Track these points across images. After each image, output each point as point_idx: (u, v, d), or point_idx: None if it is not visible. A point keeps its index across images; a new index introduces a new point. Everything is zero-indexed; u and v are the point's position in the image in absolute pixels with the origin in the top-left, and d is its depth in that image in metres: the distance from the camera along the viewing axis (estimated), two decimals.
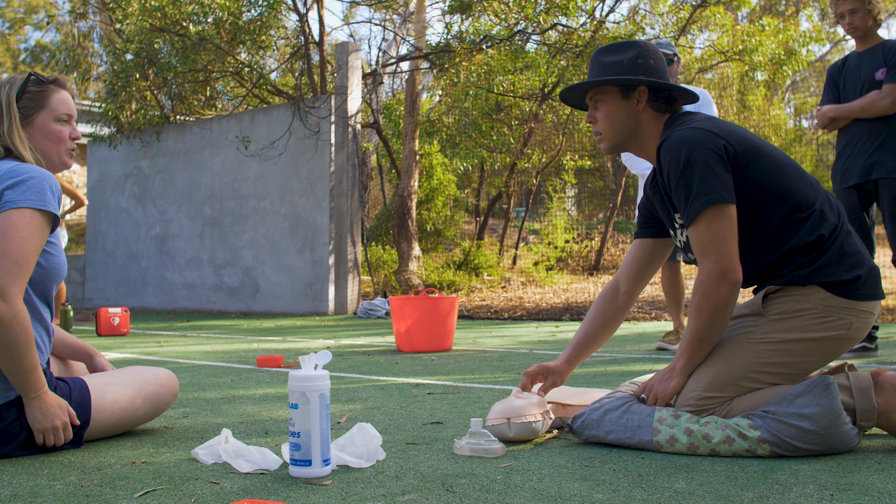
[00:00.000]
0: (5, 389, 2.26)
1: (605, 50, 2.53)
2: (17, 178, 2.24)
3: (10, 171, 2.27)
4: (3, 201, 2.22)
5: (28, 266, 2.20)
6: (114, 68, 11.92)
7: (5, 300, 2.13)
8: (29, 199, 2.22)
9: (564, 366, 2.61)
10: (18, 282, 2.17)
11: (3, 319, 2.13)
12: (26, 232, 2.20)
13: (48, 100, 2.43)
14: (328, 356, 2.06)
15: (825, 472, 1.95)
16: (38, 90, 2.43)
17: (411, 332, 5.47)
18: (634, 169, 5.21)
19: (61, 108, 2.45)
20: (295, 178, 10.86)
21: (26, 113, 2.40)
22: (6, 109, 2.36)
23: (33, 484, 1.98)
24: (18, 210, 2.20)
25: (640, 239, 2.67)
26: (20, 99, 2.40)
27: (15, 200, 2.21)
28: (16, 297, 2.16)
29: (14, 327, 2.15)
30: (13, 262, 2.16)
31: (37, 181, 2.25)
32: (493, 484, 1.91)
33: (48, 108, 2.43)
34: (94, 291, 13.21)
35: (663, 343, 5.26)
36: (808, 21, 18.19)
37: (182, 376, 4.24)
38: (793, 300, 2.27)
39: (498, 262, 14.03)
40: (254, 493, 1.87)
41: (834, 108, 4.30)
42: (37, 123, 2.42)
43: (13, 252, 2.17)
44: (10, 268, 2.15)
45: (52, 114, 2.43)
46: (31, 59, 35.56)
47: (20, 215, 2.20)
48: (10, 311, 2.14)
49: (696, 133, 2.29)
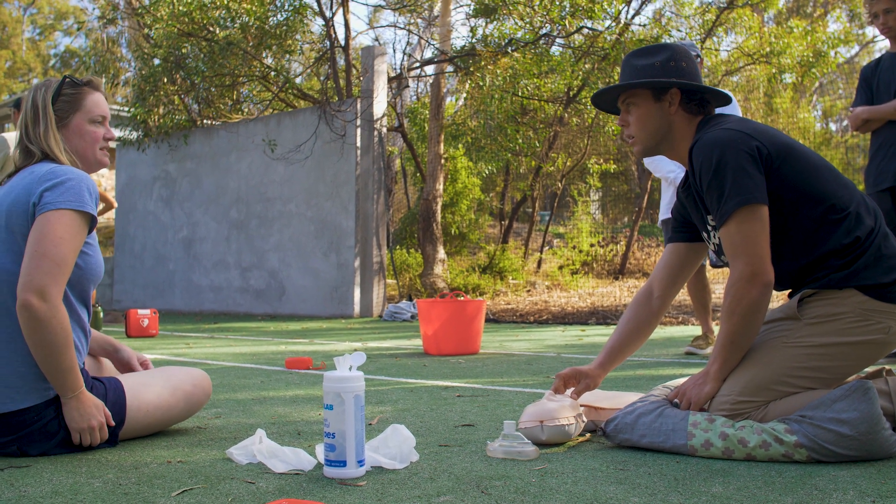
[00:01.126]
0: (44, 389, 2.28)
1: (636, 53, 2.53)
2: (56, 179, 2.28)
3: (48, 172, 2.30)
4: (42, 203, 2.25)
5: (67, 267, 2.23)
6: (142, 73, 12.03)
7: (45, 300, 2.16)
8: (67, 200, 2.25)
9: (598, 370, 2.60)
10: (58, 282, 2.20)
11: (44, 319, 2.16)
12: (65, 233, 2.23)
13: (83, 102, 2.47)
14: (363, 357, 2.06)
15: (865, 479, 1.93)
16: (74, 92, 2.47)
17: (438, 335, 5.47)
18: (658, 172, 5.19)
19: (96, 109, 2.49)
20: (321, 182, 10.91)
21: (62, 115, 2.44)
22: (42, 112, 2.41)
23: (73, 482, 2.00)
24: (58, 211, 2.24)
25: (673, 243, 2.65)
26: (55, 101, 2.44)
27: (54, 202, 2.24)
28: (55, 297, 2.19)
29: (54, 327, 2.18)
30: (53, 263, 2.19)
31: (75, 183, 2.29)
32: (528, 486, 1.90)
33: (83, 110, 2.47)
34: (122, 293, 13.33)
35: (692, 347, 5.22)
36: (837, 22, 18.02)
37: (212, 377, 4.25)
38: (829, 304, 2.24)
39: (523, 266, 14.02)
40: (289, 493, 1.88)
41: (867, 109, 4.25)
42: (72, 125, 2.46)
43: (53, 253, 2.20)
44: (51, 268, 2.19)
45: (87, 115, 2.48)
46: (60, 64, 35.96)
47: (59, 216, 2.23)
48: (50, 311, 2.17)
49: (728, 134, 2.28)
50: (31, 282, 2.17)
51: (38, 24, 40.27)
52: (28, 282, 2.17)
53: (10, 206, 2.30)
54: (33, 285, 2.16)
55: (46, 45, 40.38)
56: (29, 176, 2.33)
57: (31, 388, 2.26)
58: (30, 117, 2.42)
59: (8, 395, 2.24)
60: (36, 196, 2.27)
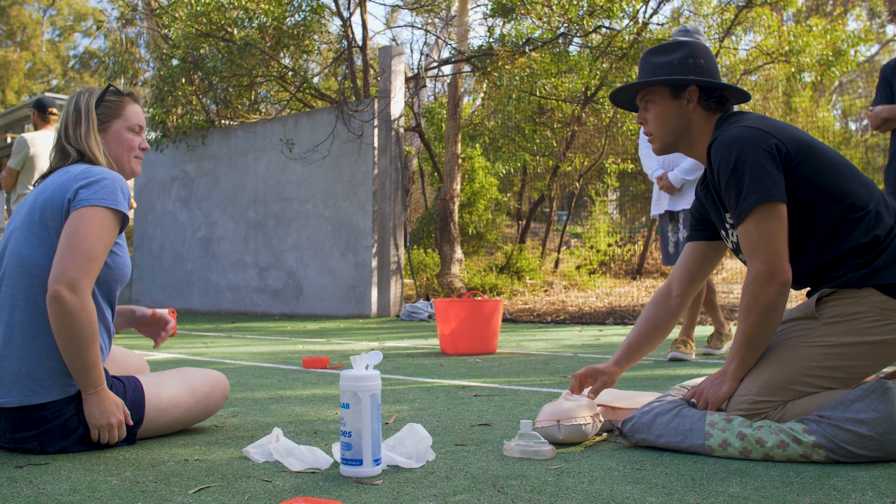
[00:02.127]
0: (67, 384, 2.31)
1: (654, 50, 2.52)
2: (91, 178, 2.35)
3: (84, 171, 2.38)
4: (77, 199, 2.32)
5: (98, 262, 2.29)
6: (160, 73, 12.09)
7: (76, 293, 2.22)
8: (102, 198, 2.32)
9: (614, 367, 2.59)
10: (89, 276, 2.26)
11: (73, 311, 2.21)
12: (99, 229, 2.30)
13: (123, 110, 2.57)
14: (379, 356, 2.06)
15: (884, 479, 1.91)
16: (116, 100, 2.57)
17: (456, 335, 5.47)
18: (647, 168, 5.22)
19: (134, 118, 2.59)
20: (338, 182, 10.93)
21: (103, 119, 2.53)
22: (84, 115, 2.50)
23: (90, 479, 2.01)
24: (92, 208, 2.30)
25: (692, 242, 2.64)
26: (98, 106, 2.53)
27: (89, 199, 2.31)
28: (85, 291, 2.24)
29: (82, 320, 2.22)
30: (85, 257, 2.25)
31: (109, 182, 2.36)
32: (544, 486, 1.90)
33: (123, 118, 2.57)
34: (140, 293, 13.40)
35: (709, 348, 5.19)
36: (857, 21, 17.89)
37: (230, 376, 4.28)
38: (848, 303, 2.23)
39: (540, 266, 13.99)
40: (306, 492, 1.88)
41: (887, 108, 4.22)
42: (112, 130, 2.55)
43: (86, 247, 2.26)
44: (83, 262, 2.25)
45: (126, 123, 2.57)
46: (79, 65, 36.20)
47: (93, 213, 2.30)
48: (80, 304, 2.22)
49: (747, 132, 2.27)
50: (62, 274, 2.22)
51: (57, 25, 40.56)
52: (60, 274, 2.22)
53: (45, 201, 2.36)
54: (65, 277, 2.21)
55: (66, 46, 40.68)
56: (64, 175, 2.40)
57: (55, 383, 2.29)
58: (71, 119, 2.50)
59: (31, 388, 2.27)
60: (71, 192, 2.33)
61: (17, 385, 2.27)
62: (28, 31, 38.89)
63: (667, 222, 5.23)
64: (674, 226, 5.20)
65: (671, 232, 5.21)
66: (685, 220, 5.06)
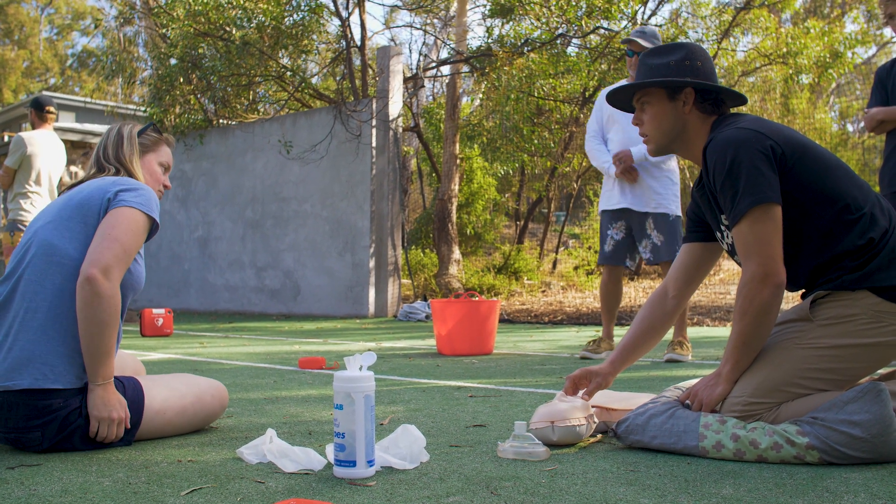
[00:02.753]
0: (77, 376, 2.36)
1: (652, 52, 2.53)
2: (131, 185, 2.54)
3: (122, 179, 2.58)
4: (117, 199, 2.48)
5: (130, 257, 2.42)
6: (158, 73, 12.09)
7: (108, 278, 2.33)
8: (140, 202, 2.49)
9: (609, 367, 2.59)
10: (121, 267, 2.38)
11: (104, 295, 2.31)
12: (136, 228, 2.45)
13: (160, 147, 2.83)
14: (373, 357, 2.06)
15: (877, 481, 1.91)
16: (156, 136, 2.82)
17: (452, 335, 5.47)
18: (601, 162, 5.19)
19: (165, 157, 2.84)
20: (336, 182, 10.92)
21: (140, 150, 2.75)
22: (127, 140, 2.71)
23: (83, 480, 2.01)
24: (132, 208, 2.47)
25: (688, 243, 2.64)
26: (140, 136, 2.76)
27: (129, 200, 2.47)
28: (117, 279, 2.36)
29: (110, 305, 2.32)
30: (121, 248, 2.38)
31: (147, 192, 2.55)
32: (537, 487, 1.90)
33: (157, 153, 2.81)
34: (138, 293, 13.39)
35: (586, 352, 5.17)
36: (854, 23, 17.90)
37: (225, 377, 4.28)
38: (842, 305, 2.23)
39: (538, 267, 13.99)
40: (299, 493, 1.88)
41: (882, 110, 4.22)
42: (145, 161, 2.77)
43: (124, 240, 2.40)
44: (119, 252, 2.37)
45: (158, 157, 2.81)
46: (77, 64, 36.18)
47: (132, 213, 2.46)
48: (111, 290, 2.33)
49: (742, 133, 2.27)
50: (99, 259, 2.33)
51: (55, 23, 40.53)
52: (96, 259, 2.33)
53: (84, 198, 2.49)
54: (101, 262, 2.33)
55: (64, 44, 40.64)
56: (101, 181, 2.57)
57: (67, 371, 2.34)
58: (112, 141, 2.70)
59: (43, 371, 2.31)
60: (111, 193, 2.49)
61: (28, 368, 2.31)
62: (26, 29, 38.86)
63: (610, 219, 5.18)
64: (619, 225, 5.15)
65: (614, 230, 5.16)
66: (657, 224, 5.01)
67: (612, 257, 5.18)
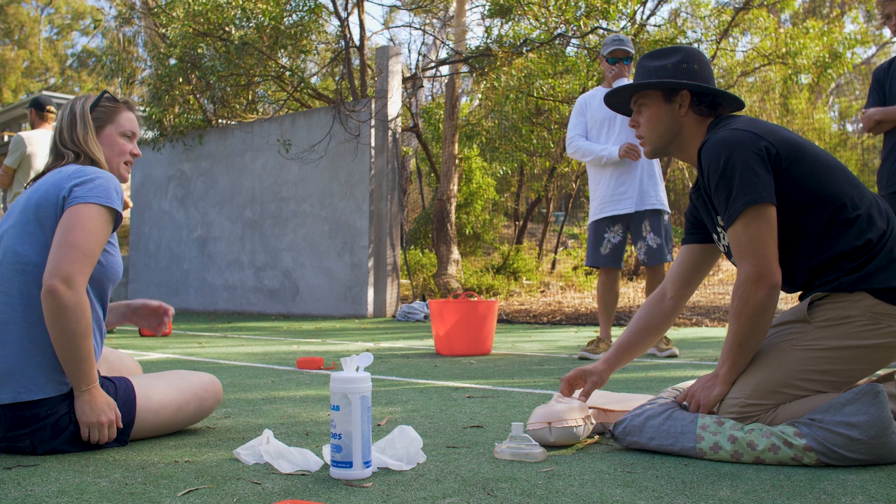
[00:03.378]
0: (60, 382, 2.32)
1: (649, 55, 2.53)
2: (85, 177, 2.40)
3: (77, 171, 2.42)
4: (71, 196, 2.35)
5: (93, 258, 2.32)
6: (158, 72, 12.09)
7: (71, 287, 2.24)
8: (97, 195, 2.36)
9: (603, 366, 2.59)
10: (84, 272, 2.29)
11: (68, 305, 2.23)
12: (93, 226, 2.33)
13: (117, 116, 2.63)
14: (370, 358, 2.06)
15: (874, 483, 1.91)
16: (111, 105, 2.63)
17: (450, 336, 5.47)
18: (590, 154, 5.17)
19: (127, 124, 2.65)
20: (335, 182, 10.92)
21: (97, 124, 2.59)
22: (80, 118, 2.55)
23: (79, 481, 2.01)
24: (87, 205, 2.34)
25: (687, 245, 2.64)
26: (93, 111, 2.58)
27: (83, 196, 2.35)
28: (80, 286, 2.27)
29: (77, 315, 2.24)
30: (80, 253, 2.28)
31: (103, 181, 2.41)
32: (534, 489, 1.90)
33: (116, 123, 2.63)
34: (136, 292, 13.39)
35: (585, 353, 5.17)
36: (854, 23, 17.90)
37: (223, 377, 4.28)
38: (840, 307, 2.22)
39: (537, 267, 13.99)
40: (295, 494, 1.88)
41: (880, 110, 4.22)
42: (104, 134, 2.61)
43: (81, 243, 2.29)
44: (78, 257, 2.27)
45: (118, 128, 2.63)
46: (77, 63, 36.17)
47: (88, 209, 2.34)
48: (75, 298, 2.24)
49: (736, 134, 2.27)
50: (58, 269, 2.24)
51: (55, 23, 40.53)
52: (55, 269, 2.25)
53: (40, 199, 2.39)
54: (60, 272, 2.24)
55: (64, 44, 40.65)
56: (58, 174, 2.44)
57: (48, 380, 2.30)
58: (66, 123, 2.55)
59: (24, 384, 2.27)
60: (66, 190, 2.37)
61: (10, 381, 2.27)
62: (26, 29, 38.86)
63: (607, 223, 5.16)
64: (617, 228, 5.15)
65: (612, 234, 5.15)
66: (653, 224, 5.02)
67: (611, 260, 5.18)
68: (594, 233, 5.23)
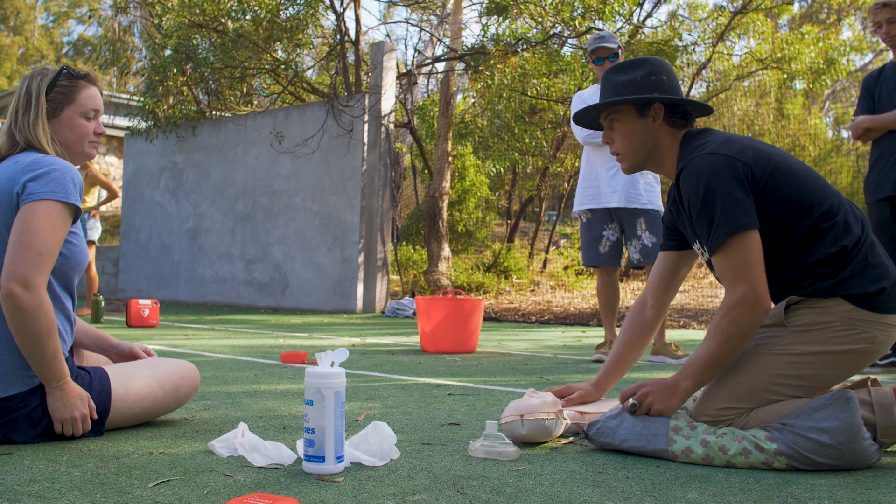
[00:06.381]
0: (29, 376, 2.30)
1: (615, 69, 2.52)
2: (40, 170, 2.29)
3: (32, 163, 2.31)
4: (26, 193, 2.27)
5: (51, 256, 2.25)
6: (152, 63, 12.04)
7: (29, 290, 2.19)
8: (51, 191, 2.27)
9: (593, 390, 2.64)
10: (42, 272, 2.22)
11: (27, 309, 2.18)
12: (49, 223, 2.25)
13: (77, 95, 2.47)
14: (345, 354, 2.07)
15: (842, 488, 1.92)
16: (69, 85, 2.46)
17: (436, 333, 5.48)
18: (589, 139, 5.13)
19: (89, 103, 2.49)
20: (327, 176, 10.92)
21: (54, 106, 2.44)
22: (34, 101, 2.40)
23: (52, 470, 2.01)
24: (41, 202, 2.25)
25: (664, 251, 2.65)
26: (49, 92, 2.43)
27: (38, 192, 2.26)
28: (39, 287, 2.21)
29: (38, 317, 2.20)
30: (36, 253, 2.21)
31: (59, 174, 2.30)
32: (504, 487, 1.91)
33: (76, 104, 2.47)
34: (126, 283, 13.37)
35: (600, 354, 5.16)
36: (850, 29, 17.94)
37: (206, 369, 4.28)
38: (815, 312, 2.23)
39: (528, 266, 14.00)
40: (266, 487, 1.89)
41: (868, 118, 4.24)
42: (63, 117, 2.46)
43: (37, 243, 2.22)
44: (34, 258, 2.21)
45: (79, 109, 2.47)
46: (73, 52, 36.05)
47: (43, 207, 2.25)
48: (35, 301, 2.19)
49: (713, 160, 2.25)
50: (14, 272, 2.19)
51: (51, 11, 40.41)
52: (11, 272, 2.19)
53: None
54: (17, 275, 2.19)
55: (60, 32, 40.53)
56: (13, 166, 2.34)
57: (16, 376, 2.28)
58: (21, 103, 2.41)
59: None
60: (20, 186, 2.28)
61: None
62: (21, 16, 38.72)
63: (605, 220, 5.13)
64: (614, 226, 5.13)
65: (610, 231, 5.12)
66: (649, 223, 5.01)
67: (611, 258, 5.17)
68: (593, 229, 5.16)
